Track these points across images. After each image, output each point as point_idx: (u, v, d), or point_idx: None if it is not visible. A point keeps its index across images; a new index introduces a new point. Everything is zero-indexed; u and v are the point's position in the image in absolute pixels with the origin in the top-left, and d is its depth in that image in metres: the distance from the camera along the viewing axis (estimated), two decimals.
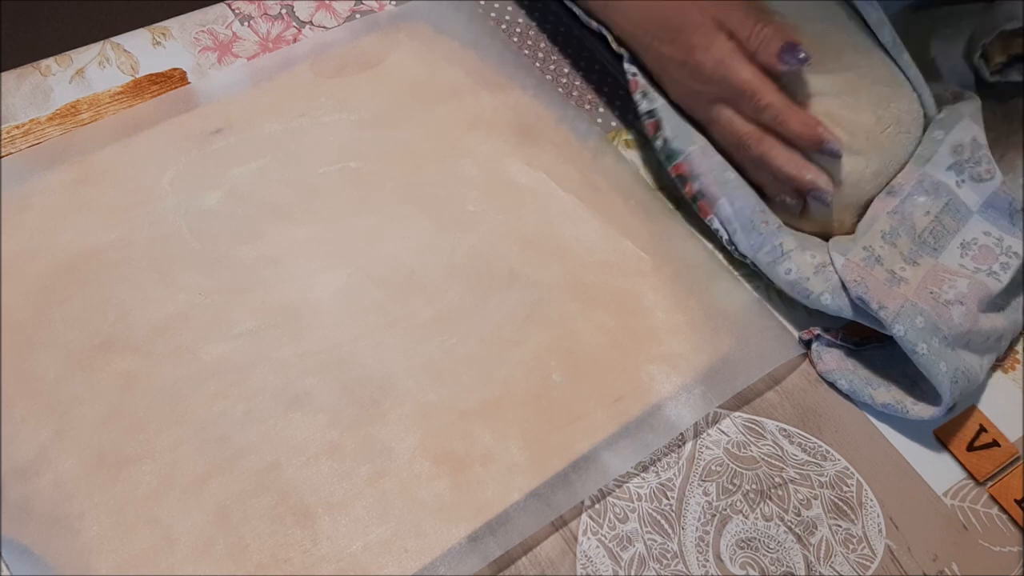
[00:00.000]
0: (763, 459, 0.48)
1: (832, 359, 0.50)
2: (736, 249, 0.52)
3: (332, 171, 0.53)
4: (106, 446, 0.43)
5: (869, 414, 0.50)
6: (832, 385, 0.50)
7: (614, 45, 0.54)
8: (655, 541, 0.44)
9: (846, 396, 0.50)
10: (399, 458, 0.44)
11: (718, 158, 0.52)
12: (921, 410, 0.48)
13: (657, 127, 0.53)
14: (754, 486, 0.47)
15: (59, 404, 0.44)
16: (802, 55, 0.48)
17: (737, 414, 0.49)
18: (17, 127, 0.52)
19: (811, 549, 0.45)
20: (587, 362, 0.48)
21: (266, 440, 0.44)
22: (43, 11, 1.26)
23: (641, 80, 0.54)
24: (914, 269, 0.49)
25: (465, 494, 0.44)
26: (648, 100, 0.53)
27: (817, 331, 0.51)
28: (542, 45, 0.61)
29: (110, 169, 0.51)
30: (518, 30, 0.61)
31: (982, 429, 0.50)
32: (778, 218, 0.51)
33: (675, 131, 0.53)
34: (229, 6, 0.59)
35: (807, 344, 0.51)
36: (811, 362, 0.51)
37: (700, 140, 0.52)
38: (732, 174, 0.52)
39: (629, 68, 0.54)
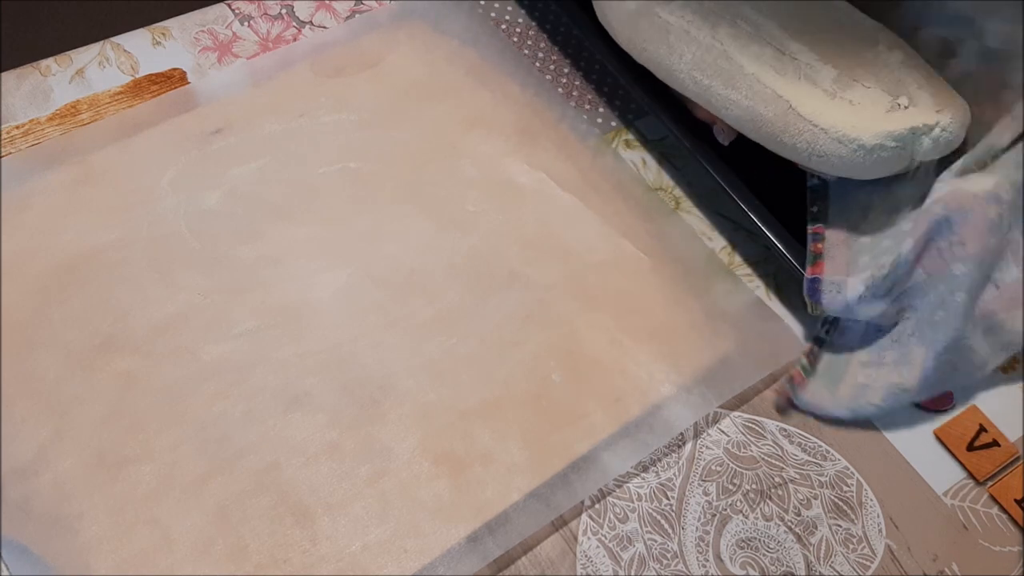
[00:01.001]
0: (763, 459, 0.47)
1: (815, 397, 0.49)
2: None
3: (332, 171, 0.53)
4: (106, 446, 0.43)
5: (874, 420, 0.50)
6: (839, 421, 0.49)
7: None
8: (655, 541, 0.44)
9: (854, 424, 0.49)
10: (399, 458, 0.44)
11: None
12: (914, 378, 0.48)
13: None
14: (754, 486, 0.47)
15: (59, 404, 0.44)
16: (721, 137, 0.53)
17: (737, 414, 0.49)
18: (17, 127, 0.52)
19: (811, 549, 0.45)
20: (587, 362, 0.48)
21: (266, 440, 0.44)
22: (43, 11, 1.26)
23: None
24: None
25: (465, 494, 0.44)
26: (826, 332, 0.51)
27: (787, 391, 0.49)
28: (542, 45, 0.61)
29: (110, 169, 0.51)
30: (518, 30, 0.61)
31: (982, 429, 0.50)
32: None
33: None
34: (229, 6, 0.59)
35: (790, 405, 0.50)
36: (806, 412, 0.50)
37: (844, 392, 0.50)
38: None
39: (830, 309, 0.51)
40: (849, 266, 0.49)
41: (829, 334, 0.51)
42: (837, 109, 0.48)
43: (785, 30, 0.50)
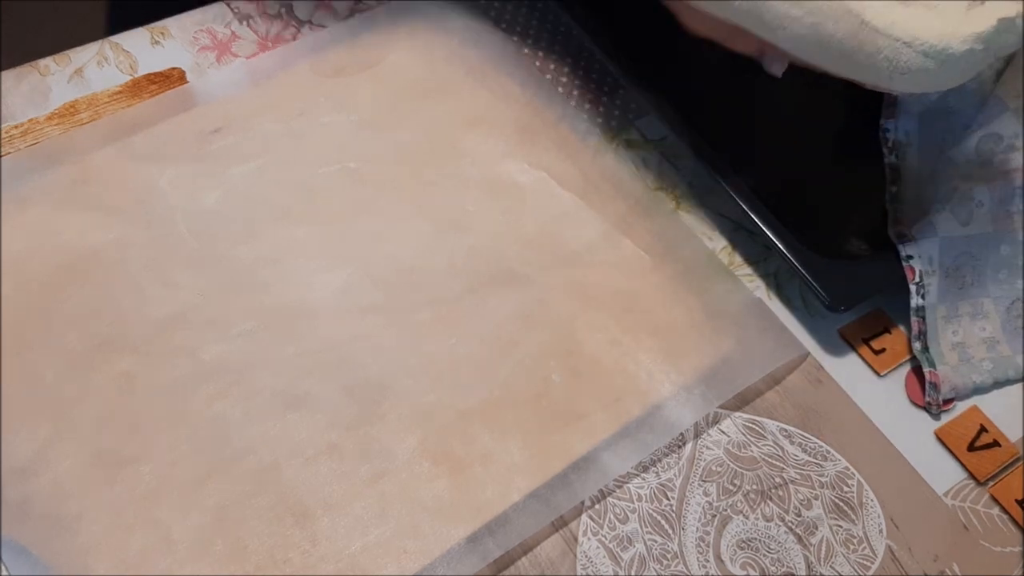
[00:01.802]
0: (763, 459, 0.47)
1: (946, 383, 0.50)
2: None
3: (331, 171, 0.53)
4: (105, 446, 0.43)
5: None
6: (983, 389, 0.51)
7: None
8: (655, 541, 0.44)
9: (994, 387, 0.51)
10: (398, 458, 0.44)
11: (970, 379, 0.51)
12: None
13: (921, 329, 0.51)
14: (754, 486, 0.47)
15: (58, 404, 0.44)
16: (774, 67, 0.49)
17: (737, 414, 0.49)
18: (16, 127, 0.52)
19: (811, 549, 0.45)
20: (587, 362, 0.48)
21: (265, 440, 0.44)
22: (43, 11, 1.26)
23: (918, 268, 0.51)
24: None
25: (465, 494, 0.43)
26: (921, 297, 0.51)
27: (938, 398, 0.50)
28: (542, 45, 0.61)
29: (109, 169, 0.51)
30: (518, 30, 0.61)
31: (983, 429, 0.50)
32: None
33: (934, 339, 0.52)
34: (228, 5, 0.59)
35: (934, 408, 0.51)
36: (940, 405, 0.50)
37: (953, 359, 0.51)
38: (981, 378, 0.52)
39: (905, 250, 0.51)
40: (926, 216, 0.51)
41: (924, 296, 0.51)
42: (915, 17, 0.43)
43: None
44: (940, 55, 0.42)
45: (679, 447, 0.47)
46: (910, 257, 0.51)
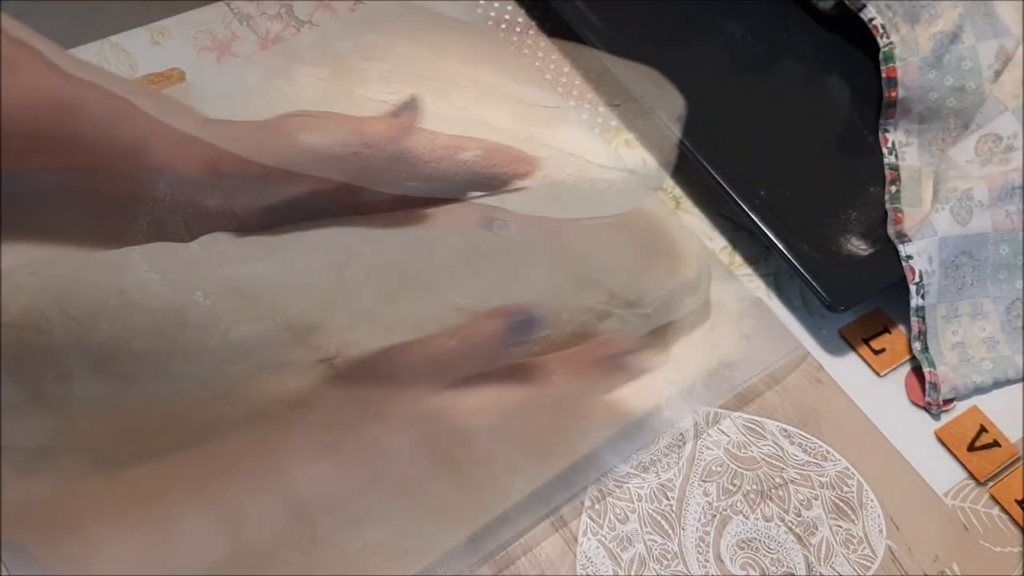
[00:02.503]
0: (763, 459, 0.47)
1: (947, 382, 0.50)
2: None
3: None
4: (106, 446, 0.43)
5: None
6: (984, 389, 0.51)
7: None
8: (655, 542, 0.44)
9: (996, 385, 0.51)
10: (399, 458, 0.44)
11: (971, 379, 0.51)
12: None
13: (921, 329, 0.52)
14: (754, 486, 0.47)
15: (59, 404, 0.43)
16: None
17: (737, 414, 0.49)
18: None
19: (811, 549, 0.45)
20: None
21: (266, 440, 0.44)
22: (43, 11, 1.25)
23: (918, 268, 0.51)
24: None
25: (465, 494, 0.43)
26: (921, 297, 0.51)
27: (938, 399, 0.50)
28: (542, 44, 0.61)
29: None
30: (518, 30, 0.61)
31: (983, 429, 0.50)
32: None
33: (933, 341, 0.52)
34: (228, 5, 0.59)
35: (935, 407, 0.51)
36: (940, 405, 0.50)
37: (953, 359, 0.51)
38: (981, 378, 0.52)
39: (905, 250, 0.52)
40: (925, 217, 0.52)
41: (924, 296, 0.51)
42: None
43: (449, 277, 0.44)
44: None
45: (679, 447, 0.47)
46: (910, 257, 0.51)
